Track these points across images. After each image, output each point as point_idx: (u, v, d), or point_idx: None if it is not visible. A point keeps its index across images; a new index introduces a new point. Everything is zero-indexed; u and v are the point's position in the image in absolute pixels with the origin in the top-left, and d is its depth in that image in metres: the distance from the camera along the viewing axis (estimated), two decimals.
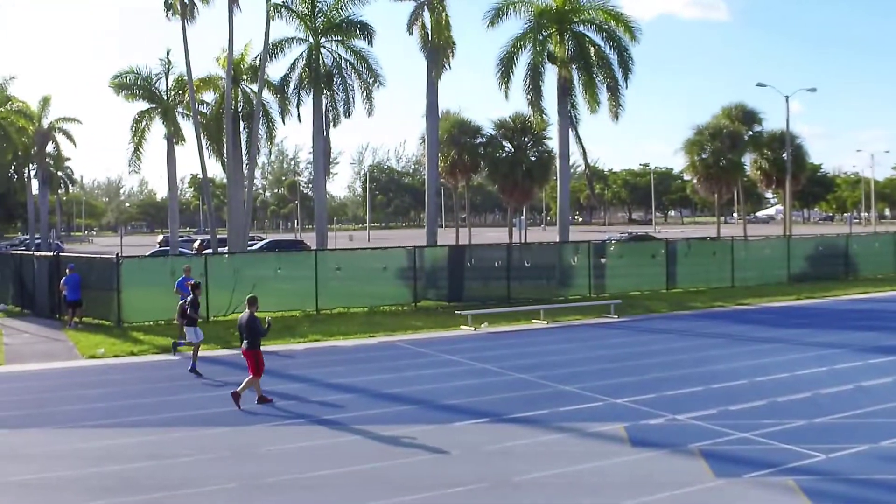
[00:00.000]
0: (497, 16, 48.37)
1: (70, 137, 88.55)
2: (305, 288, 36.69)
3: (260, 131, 54.96)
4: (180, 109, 60.75)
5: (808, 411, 18.13)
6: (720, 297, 41.97)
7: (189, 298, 24.74)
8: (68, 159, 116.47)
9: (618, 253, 47.17)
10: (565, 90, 48.07)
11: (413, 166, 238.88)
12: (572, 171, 51.45)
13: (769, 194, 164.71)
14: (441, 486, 13.63)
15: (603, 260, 44.72)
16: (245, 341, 19.79)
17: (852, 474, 13.88)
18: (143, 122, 61.08)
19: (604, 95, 48.17)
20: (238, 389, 19.59)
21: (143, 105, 61.10)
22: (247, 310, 20.19)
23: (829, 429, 16.74)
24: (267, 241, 73.60)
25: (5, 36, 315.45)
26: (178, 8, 50.35)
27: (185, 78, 54.14)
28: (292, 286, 37.27)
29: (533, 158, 67.03)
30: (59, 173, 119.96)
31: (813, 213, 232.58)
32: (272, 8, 48.71)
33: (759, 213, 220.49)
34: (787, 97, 70.97)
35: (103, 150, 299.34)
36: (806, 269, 50.79)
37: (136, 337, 30.28)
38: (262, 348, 20.00)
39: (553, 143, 60.48)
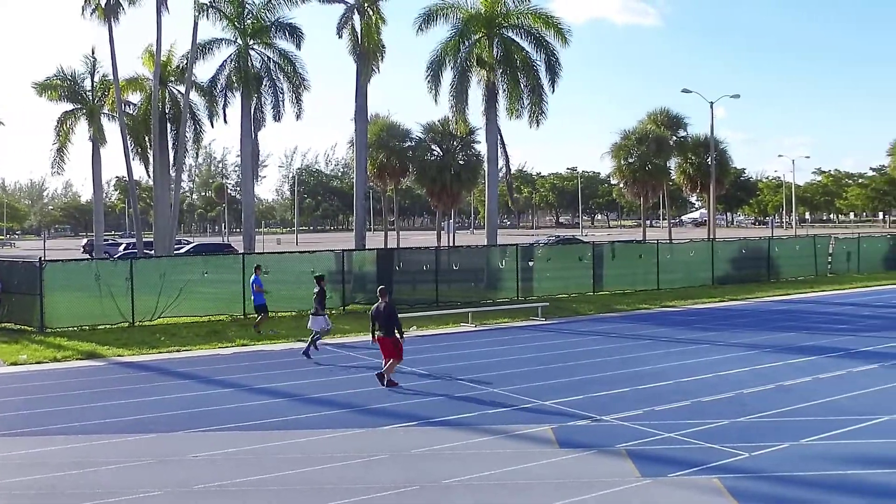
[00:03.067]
0: (426, 21, 48.40)
1: None
2: (233, 292, 36.36)
3: (187, 133, 54.47)
4: (106, 110, 60.05)
5: (731, 411, 18.40)
6: (646, 300, 42.42)
7: (316, 291, 27.38)
8: None
9: (545, 256, 47.40)
10: (492, 95, 48.25)
11: (342, 170, 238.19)
12: (501, 174, 51.50)
13: (694, 198, 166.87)
14: (371, 490, 13.60)
15: (531, 263, 44.91)
16: (382, 329, 21.78)
17: (775, 472, 14.11)
18: (68, 124, 60.37)
19: (529, 101, 48.38)
20: (384, 371, 21.84)
21: (68, 106, 60.36)
22: (382, 300, 21.96)
23: (753, 428, 17.00)
24: (194, 244, 72.92)
25: None
26: (102, 8, 49.67)
27: (111, 78, 53.53)
28: (219, 290, 36.90)
29: (461, 162, 67.11)
30: None
31: (739, 218, 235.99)
32: (199, 8, 48.25)
33: (685, 217, 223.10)
34: (711, 103, 71.75)
35: (26, 151, 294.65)
36: (729, 271, 51.51)
37: (59, 343, 29.75)
38: (189, 352, 20.00)
39: (481, 147, 60.64)
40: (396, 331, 21.86)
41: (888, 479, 13.84)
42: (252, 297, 33.02)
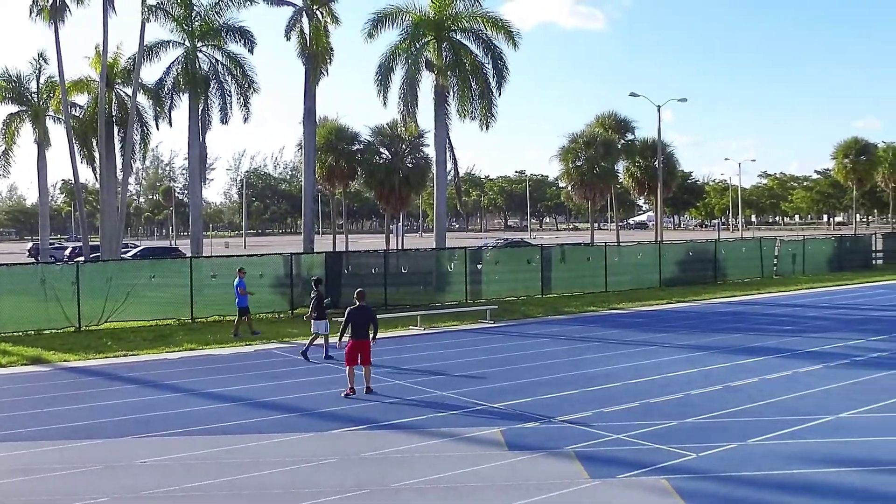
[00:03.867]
0: (376, 25, 48.38)
1: None
2: (180, 296, 36.14)
3: (134, 136, 53.97)
4: (52, 113, 59.41)
5: (679, 412, 18.53)
6: (594, 302, 42.63)
7: (315, 295, 27.54)
8: None
9: (494, 259, 47.56)
10: (442, 98, 48.26)
11: (290, 173, 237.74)
12: (449, 177, 51.57)
13: (641, 201, 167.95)
14: (320, 495, 13.55)
15: (479, 266, 45.01)
16: (359, 332, 21.22)
17: (722, 472, 14.23)
18: (13, 126, 59.65)
19: (478, 103, 48.47)
20: (368, 385, 21.21)
21: (13, 108, 59.69)
22: (359, 302, 21.59)
23: (700, 428, 17.13)
24: (141, 248, 72.36)
25: None
26: (48, 9, 49.18)
27: (57, 80, 52.99)
28: (167, 294, 36.66)
29: (410, 165, 67.18)
30: None
31: (694, 222, 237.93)
32: (146, 9, 47.84)
33: (633, 220, 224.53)
34: (658, 107, 72.32)
35: None
36: (677, 273, 51.94)
37: (3, 349, 29.24)
38: (136, 357, 19.87)
39: (430, 150, 60.69)
40: (372, 335, 21.47)
41: (833, 478, 13.99)
42: (235, 300, 32.77)
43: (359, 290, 22.26)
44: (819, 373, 23.22)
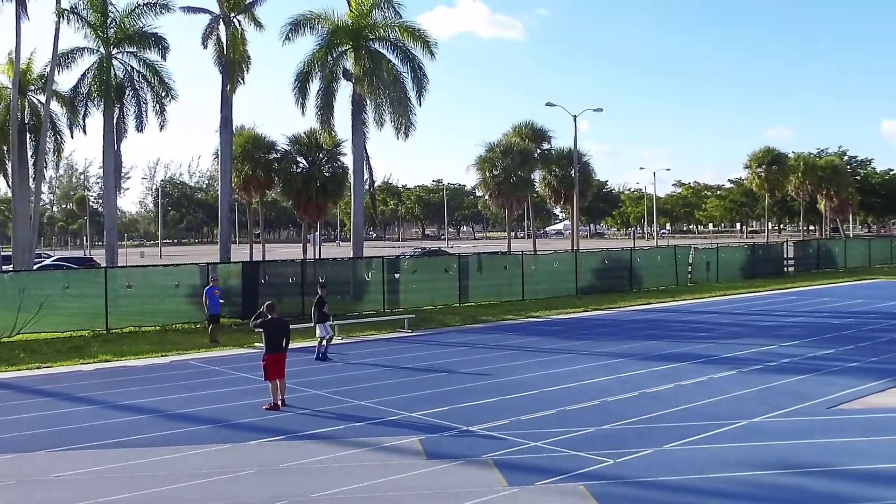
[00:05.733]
0: (293, 31, 48.26)
1: None
2: (95, 307, 35.64)
3: (48, 144, 53.09)
4: None
5: (596, 418, 18.71)
6: (511, 310, 42.86)
7: (317, 298, 28.79)
8: None
9: (411, 268, 47.56)
10: (359, 107, 48.25)
11: (207, 181, 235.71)
12: (367, 186, 51.55)
13: (558, 210, 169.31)
14: None
15: (397, 275, 45.03)
16: (276, 345, 21.01)
17: (639, 478, 14.40)
18: None
19: (398, 113, 48.52)
20: (280, 392, 20.91)
21: None
22: (271, 315, 21.19)
23: (617, 435, 17.32)
24: (54, 258, 71.21)
25: None
26: None
27: None
28: (81, 305, 36.07)
29: (327, 174, 66.85)
30: None
31: (610, 230, 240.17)
32: (60, 13, 47.05)
33: (549, 228, 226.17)
34: (574, 116, 73.02)
35: None
36: (593, 281, 52.43)
37: None
38: (49, 369, 19.56)
39: (348, 160, 60.56)
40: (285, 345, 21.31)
41: (747, 481, 14.23)
42: (208, 307, 32.93)
43: (268, 302, 21.83)
44: (733, 378, 23.59)
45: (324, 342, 28.53)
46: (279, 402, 20.70)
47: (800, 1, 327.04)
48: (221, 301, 33.36)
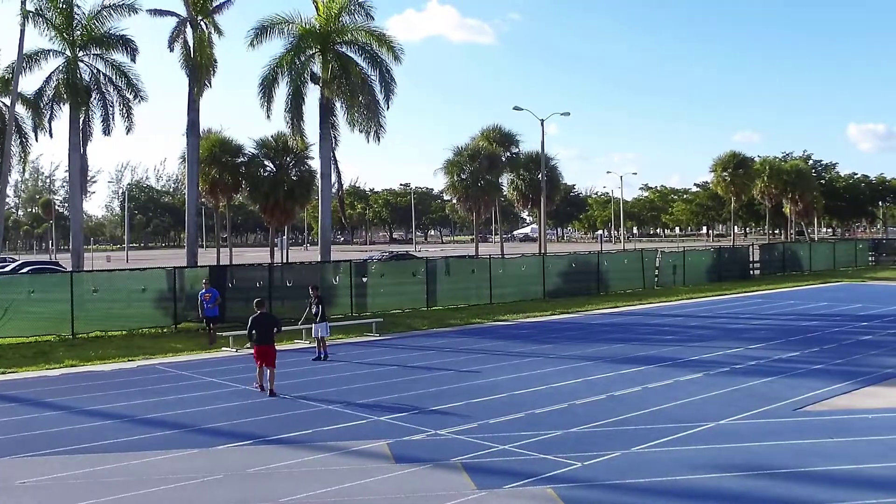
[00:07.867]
0: (260, 34, 48.13)
1: None
2: (60, 311, 35.36)
3: (13, 147, 52.63)
4: None
5: (564, 421, 18.76)
6: (479, 314, 42.90)
7: (310, 301, 29.65)
8: None
9: (379, 272, 47.48)
10: (327, 111, 48.18)
11: (173, 185, 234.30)
12: (335, 190, 51.50)
13: (526, 214, 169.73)
14: None
15: (364, 279, 44.90)
16: (263, 337, 22.99)
17: (607, 480, 14.45)
18: None
19: (366, 116, 48.50)
20: (269, 383, 22.86)
21: None
22: (259, 310, 23.41)
23: (585, 438, 17.37)
24: (19, 262, 70.64)
25: None
26: None
27: None
28: (46, 309, 35.77)
29: (295, 178, 66.65)
30: None
31: (578, 234, 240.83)
32: (24, 15, 46.59)
33: (517, 232, 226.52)
34: (542, 121, 73.06)
35: None
36: (561, 285, 52.54)
37: None
38: (14, 375, 19.50)
39: (315, 164, 60.42)
40: (271, 339, 23.17)
41: (714, 483, 14.31)
42: (204, 309, 33.61)
43: (257, 299, 24.26)
44: (700, 381, 23.72)
45: (322, 342, 29.54)
46: (262, 386, 23.07)
47: (766, 8, 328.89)
48: (210, 305, 33.53)
